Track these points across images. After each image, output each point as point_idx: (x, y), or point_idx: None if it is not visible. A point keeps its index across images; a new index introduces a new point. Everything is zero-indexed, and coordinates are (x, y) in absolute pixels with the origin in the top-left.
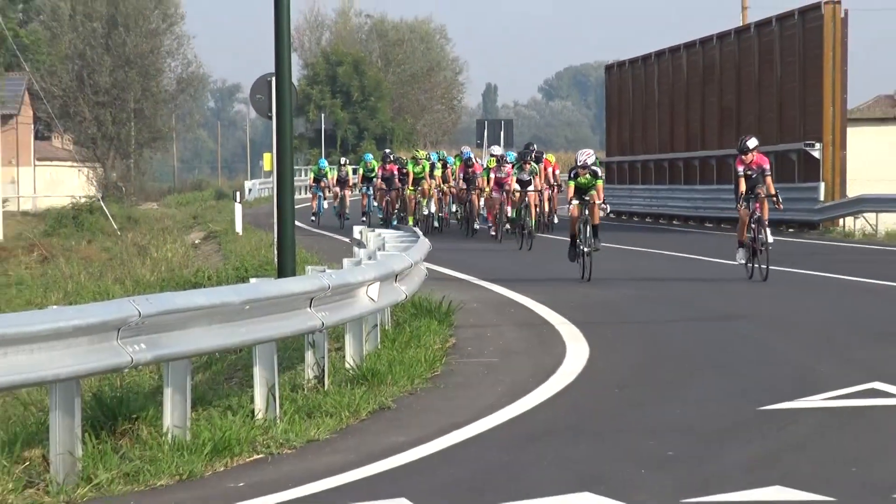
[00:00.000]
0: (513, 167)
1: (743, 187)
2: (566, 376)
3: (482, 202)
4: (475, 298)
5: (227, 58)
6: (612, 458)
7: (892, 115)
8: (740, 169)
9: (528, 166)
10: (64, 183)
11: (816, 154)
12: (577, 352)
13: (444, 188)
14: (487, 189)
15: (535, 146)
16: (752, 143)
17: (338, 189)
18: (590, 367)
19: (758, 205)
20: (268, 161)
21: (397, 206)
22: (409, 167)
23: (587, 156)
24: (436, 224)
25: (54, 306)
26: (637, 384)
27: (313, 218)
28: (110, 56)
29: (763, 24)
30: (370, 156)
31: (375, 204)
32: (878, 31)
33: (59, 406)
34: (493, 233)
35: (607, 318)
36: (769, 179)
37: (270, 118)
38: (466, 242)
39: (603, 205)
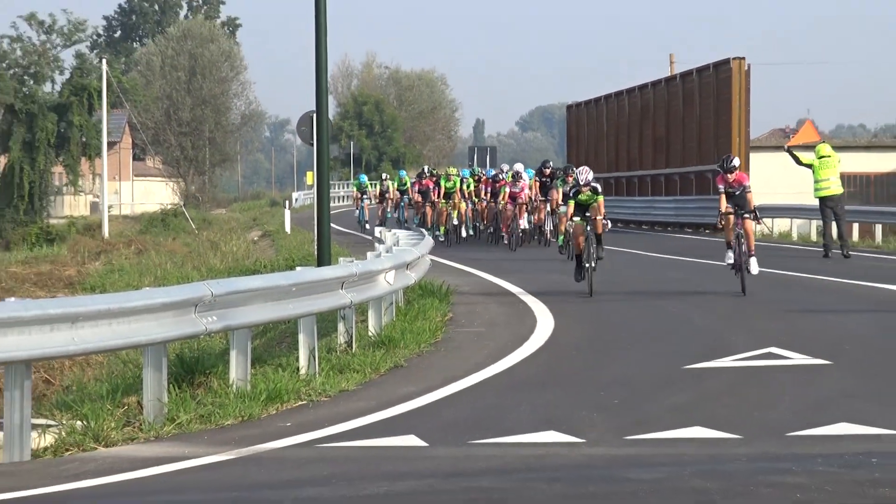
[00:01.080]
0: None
1: (724, 204)
2: (537, 342)
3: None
4: (467, 283)
5: (279, 98)
6: (571, 405)
7: (784, 144)
8: (721, 186)
9: (570, 179)
10: (154, 193)
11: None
12: (545, 324)
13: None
14: (503, 202)
15: (551, 163)
16: (737, 161)
17: (391, 197)
18: (554, 336)
19: (740, 221)
20: (310, 177)
21: (433, 215)
22: (442, 182)
23: (586, 173)
24: (468, 233)
25: (147, 288)
26: (590, 348)
27: (366, 224)
28: (190, 97)
29: (686, 74)
30: (404, 172)
31: (396, 213)
32: (777, 79)
33: (150, 364)
34: (506, 241)
35: (569, 300)
36: (750, 196)
37: (312, 145)
38: (490, 250)
39: (605, 220)
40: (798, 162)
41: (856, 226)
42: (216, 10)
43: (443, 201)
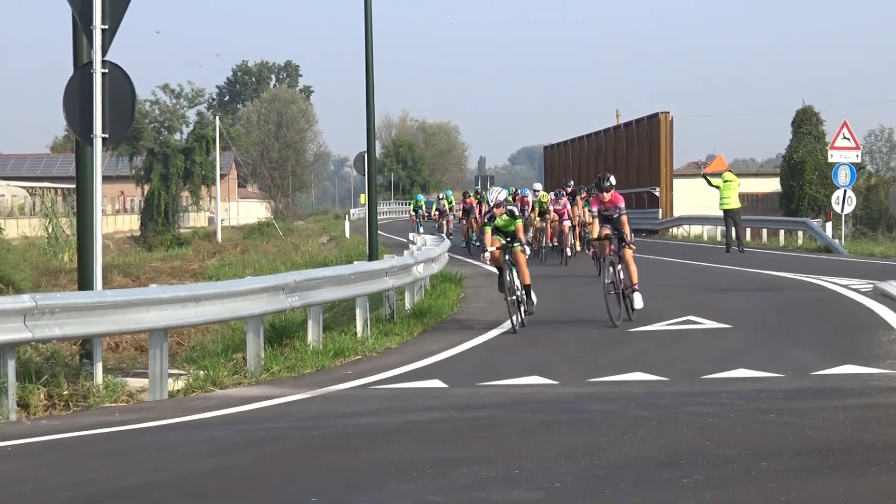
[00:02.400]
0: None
1: (596, 230)
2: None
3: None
4: (475, 272)
5: (340, 141)
6: (549, 358)
7: (698, 173)
8: (595, 209)
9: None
10: (253, 211)
11: (657, 193)
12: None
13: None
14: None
15: (572, 181)
16: (613, 180)
17: (438, 215)
18: (537, 311)
19: (614, 248)
20: (362, 198)
21: (475, 228)
22: (484, 201)
23: (497, 193)
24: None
25: (248, 277)
26: (561, 318)
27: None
28: (277, 142)
29: (627, 124)
30: (450, 192)
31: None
32: (691, 125)
33: (251, 330)
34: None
35: (549, 284)
36: (625, 219)
37: (364, 175)
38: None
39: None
40: (710, 184)
41: (749, 230)
42: (296, 81)
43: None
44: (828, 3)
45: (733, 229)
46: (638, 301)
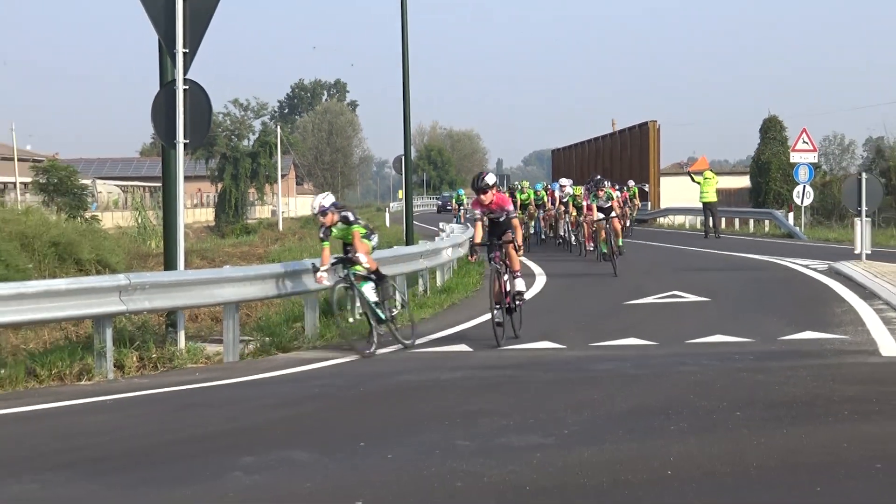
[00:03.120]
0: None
1: (479, 236)
2: (535, 291)
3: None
4: None
5: (382, 146)
6: (559, 325)
7: (681, 172)
8: (477, 212)
9: (602, 193)
10: (308, 205)
11: (646, 188)
12: (540, 282)
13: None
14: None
15: (599, 176)
16: (490, 179)
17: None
18: (545, 287)
19: (497, 254)
20: (400, 194)
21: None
22: (517, 195)
23: (322, 199)
24: (538, 240)
25: (306, 259)
26: (566, 294)
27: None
28: (329, 147)
29: (622, 131)
30: (461, 190)
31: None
32: (676, 130)
33: (308, 305)
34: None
35: (554, 269)
36: (515, 221)
37: (401, 174)
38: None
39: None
40: (693, 180)
41: (723, 219)
42: (344, 96)
43: (519, 212)
44: (788, 28)
45: (711, 219)
46: (520, 283)
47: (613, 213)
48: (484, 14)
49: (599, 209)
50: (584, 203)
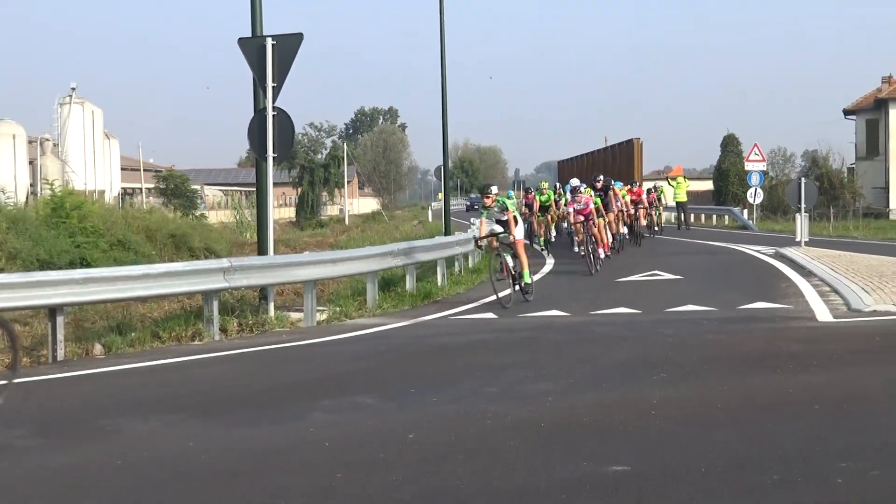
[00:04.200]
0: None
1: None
2: (545, 271)
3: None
4: None
5: (426, 157)
6: (563, 298)
7: (660, 178)
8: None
9: (581, 197)
10: (368, 204)
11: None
12: (549, 265)
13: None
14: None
15: (602, 177)
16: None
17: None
18: (554, 268)
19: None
20: (440, 196)
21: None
22: (537, 197)
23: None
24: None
25: (367, 246)
26: (568, 276)
27: None
28: (384, 160)
29: (612, 146)
30: (512, 192)
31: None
32: (653, 146)
33: (370, 281)
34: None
35: (561, 255)
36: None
37: (440, 181)
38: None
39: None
40: (669, 184)
41: (692, 215)
42: (395, 119)
43: (539, 214)
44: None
45: (682, 214)
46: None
47: (603, 214)
48: (508, 59)
49: (579, 212)
50: (567, 205)
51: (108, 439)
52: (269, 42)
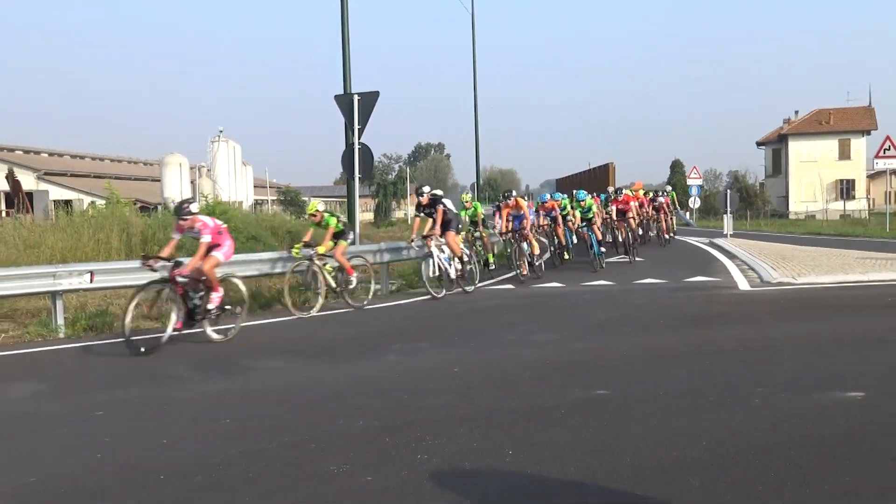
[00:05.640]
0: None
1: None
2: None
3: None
4: None
5: (464, 176)
6: (561, 277)
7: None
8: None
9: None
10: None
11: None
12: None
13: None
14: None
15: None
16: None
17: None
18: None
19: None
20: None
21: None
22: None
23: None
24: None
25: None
26: (573, 266)
27: None
28: (434, 179)
29: (593, 168)
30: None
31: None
32: (624, 167)
33: (382, 269)
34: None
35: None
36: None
37: (473, 193)
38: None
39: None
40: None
41: None
42: (442, 150)
43: (470, 228)
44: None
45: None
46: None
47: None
48: (525, 97)
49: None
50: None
51: (245, 373)
52: (356, 97)
